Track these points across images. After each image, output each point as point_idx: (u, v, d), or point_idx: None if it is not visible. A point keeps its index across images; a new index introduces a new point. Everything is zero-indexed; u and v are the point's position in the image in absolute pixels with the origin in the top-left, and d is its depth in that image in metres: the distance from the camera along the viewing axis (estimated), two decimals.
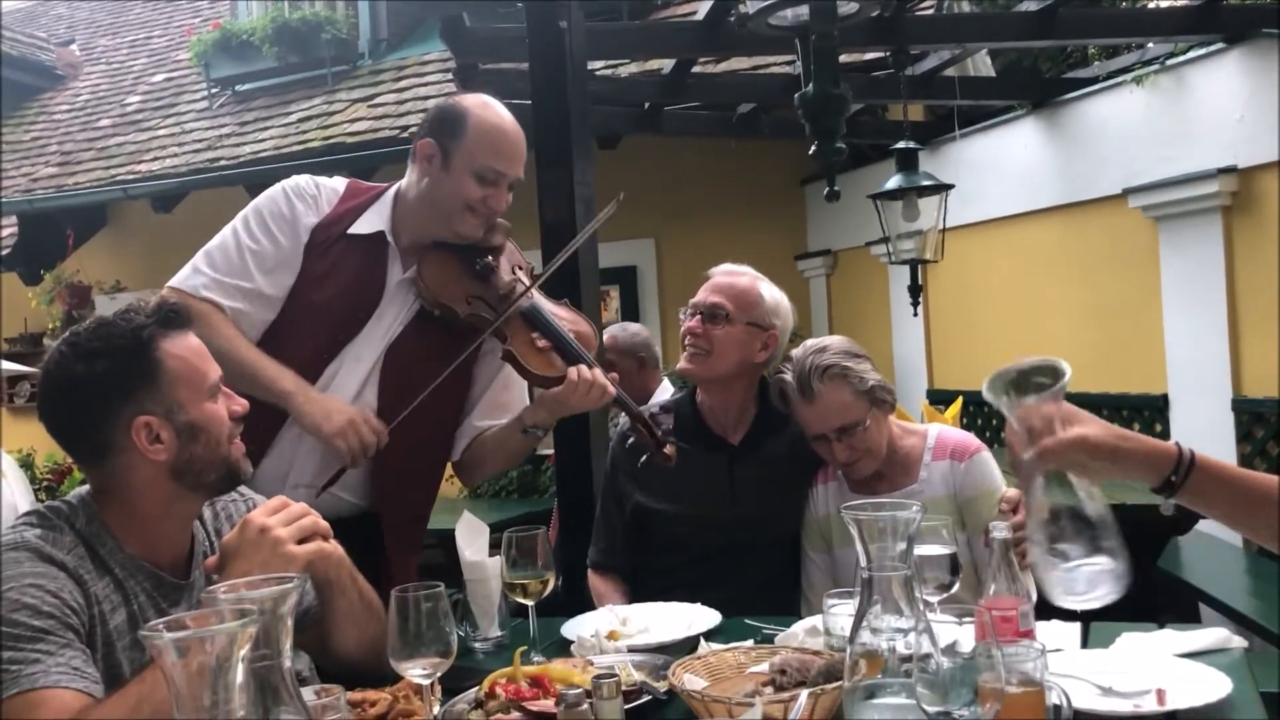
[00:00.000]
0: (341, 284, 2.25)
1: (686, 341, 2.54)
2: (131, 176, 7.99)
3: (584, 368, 2.19)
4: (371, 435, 2.14)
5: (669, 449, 2.34)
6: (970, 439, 2.47)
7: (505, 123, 2.26)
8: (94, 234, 8.89)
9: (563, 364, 2.22)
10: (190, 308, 2.07)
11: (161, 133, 8.59)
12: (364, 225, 2.29)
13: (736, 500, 2.51)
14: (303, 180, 2.33)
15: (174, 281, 2.22)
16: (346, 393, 2.22)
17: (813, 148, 1.96)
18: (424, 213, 2.28)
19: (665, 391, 4.11)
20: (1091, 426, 1.36)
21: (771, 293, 2.59)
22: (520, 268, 2.36)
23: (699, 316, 2.52)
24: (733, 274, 2.60)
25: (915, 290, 4.66)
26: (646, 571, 2.58)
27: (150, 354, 1.61)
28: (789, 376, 2.38)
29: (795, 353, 2.43)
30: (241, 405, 1.73)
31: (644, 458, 2.48)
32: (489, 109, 2.26)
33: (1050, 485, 1.43)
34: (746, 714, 1.00)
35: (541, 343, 2.25)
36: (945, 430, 2.51)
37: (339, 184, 2.37)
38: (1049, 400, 1.37)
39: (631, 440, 2.56)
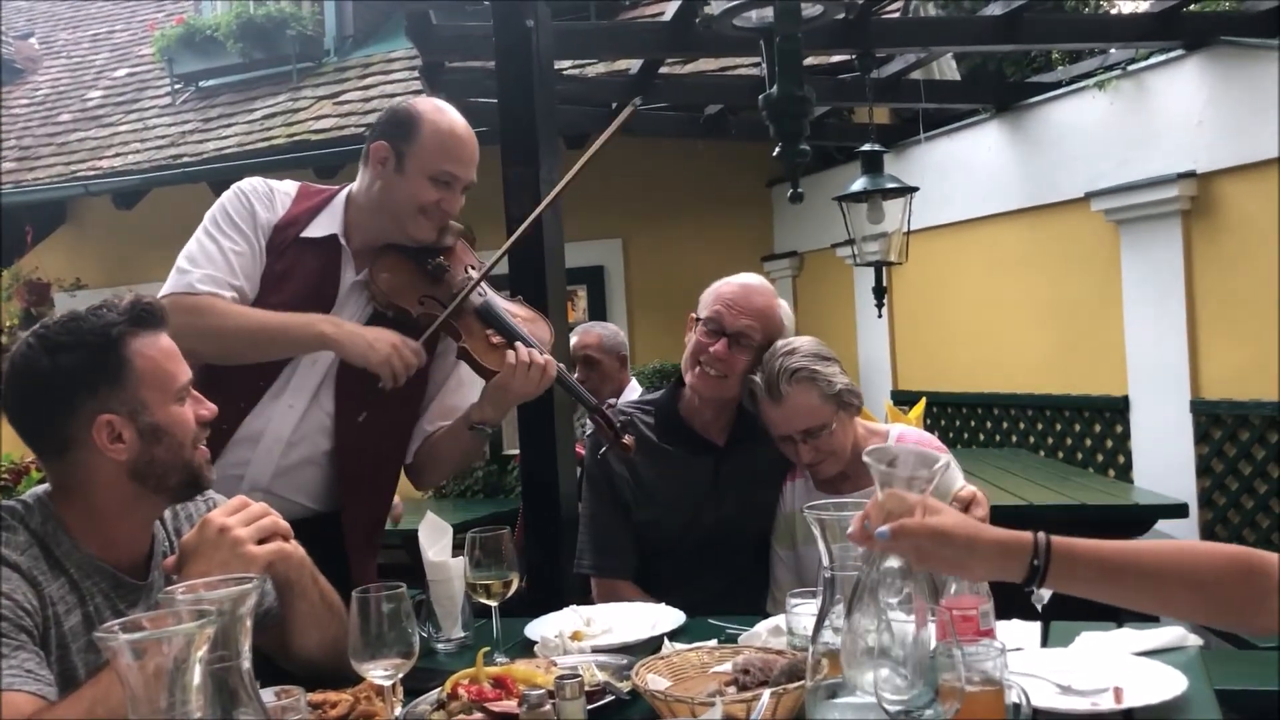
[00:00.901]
0: (296, 287, 2.24)
1: (702, 359, 2.46)
2: (92, 173, 7.89)
3: (523, 347, 2.19)
4: (414, 356, 2.16)
5: (627, 439, 2.32)
6: (930, 441, 2.49)
7: (459, 126, 2.27)
8: (53, 230, 8.77)
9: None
10: (191, 303, 2.08)
11: (123, 129, 8.49)
12: (317, 229, 2.29)
13: (721, 501, 2.51)
14: (255, 181, 2.33)
15: (166, 290, 2.17)
16: (302, 397, 2.22)
17: (777, 149, 1.96)
18: (377, 215, 2.28)
19: (634, 390, 4.11)
20: (950, 517, 1.37)
21: (785, 310, 2.56)
22: (473, 267, 2.35)
23: (725, 340, 2.44)
24: (756, 292, 2.52)
25: (880, 292, 4.69)
26: None
27: (118, 352, 1.59)
28: (758, 378, 2.38)
29: (763, 354, 2.42)
30: (209, 410, 1.70)
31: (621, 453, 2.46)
32: (443, 113, 2.27)
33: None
34: (708, 714, 1.00)
35: (496, 339, 2.24)
36: (907, 431, 2.53)
37: (290, 187, 2.37)
38: (917, 493, 1.36)
39: (628, 416, 2.55)
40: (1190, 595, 1.38)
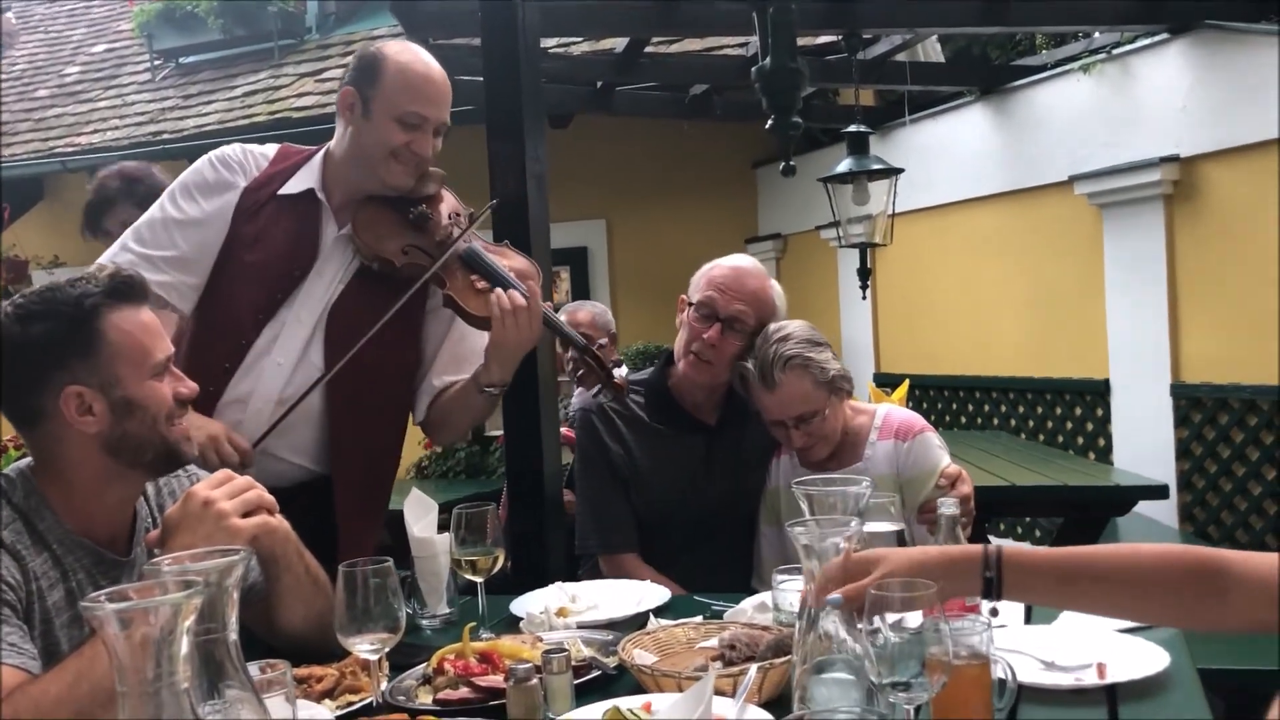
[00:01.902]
0: (274, 244, 2.22)
1: (694, 348, 2.44)
2: (70, 149, 7.81)
3: (503, 293, 2.15)
4: (233, 454, 2.04)
5: (619, 378, 2.30)
6: (915, 419, 2.49)
7: (425, 65, 2.23)
8: (31, 207, 8.67)
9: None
10: None
11: (102, 105, 8.39)
12: (294, 185, 2.27)
13: (713, 480, 2.51)
14: (230, 148, 2.32)
15: (100, 260, 2.14)
16: (290, 354, 2.19)
17: (769, 122, 1.96)
18: (352, 165, 2.26)
19: (620, 370, 4.12)
20: (891, 561, 1.37)
21: (777, 291, 2.53)
22: (457, 214, 2.31)
23: (718, 326, 2.42)
24: (749, 275, 2.48)
25: (864, 274, 4.69)
26: None
27: (91, 324, 1.58)
28: (750, 364, 2.36)
29: (755, 339, 2.41)
30: (189, 389, 1.68)
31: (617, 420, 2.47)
32: (407, 52, 2.24)
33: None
34: (700, 682, 1.00)
35: (481, 284, 2.21)
36: (893, 410, 2.53)
37: (270, 149, 2.35)
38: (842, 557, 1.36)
39: (604, 407, 2.53)
40: (1146, 598, 1.40)
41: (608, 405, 2.55)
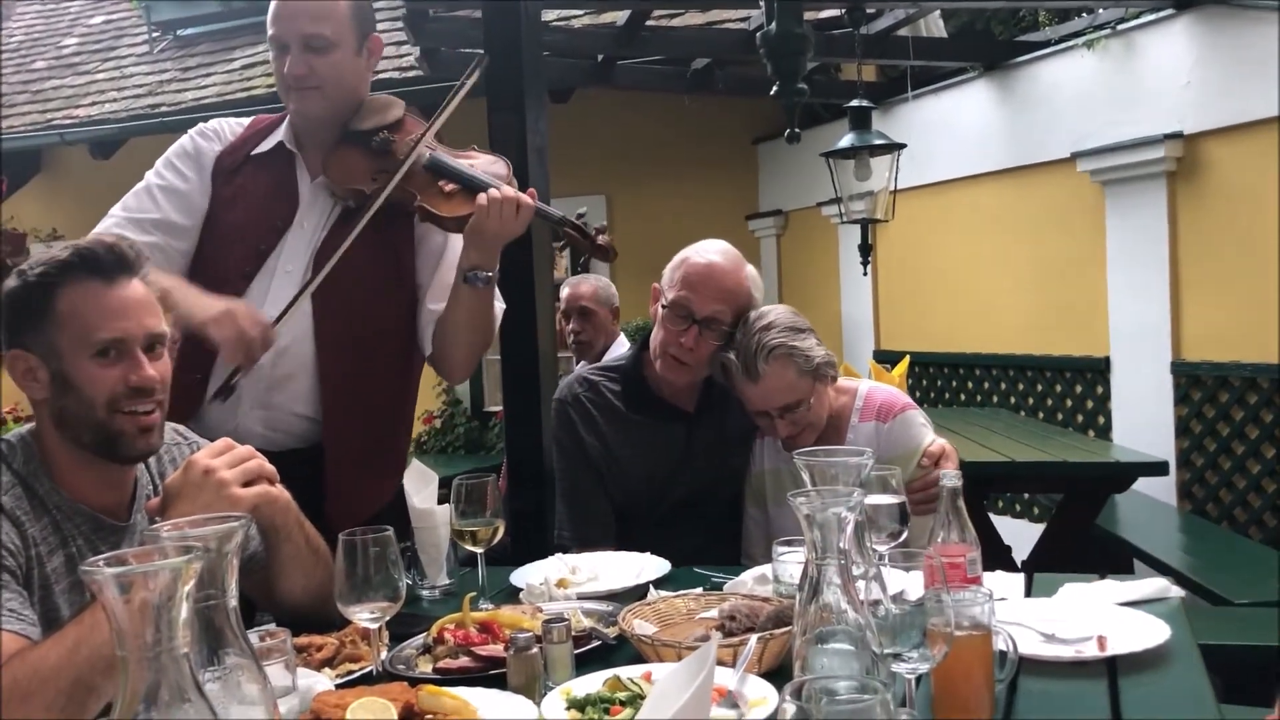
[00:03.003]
0: (253, 201, 2.24)
1: (671, 350, 2.36)
2: (68, 121, 7.77)
3: (492, 190, 2.14)
4: (253, 327, 2.02)
5: (602, 240, 2.23)
6: (896, 398, 2.42)
7: None
8: (29, 180, 8.64)
9: (475, 201, 2.17)
10: None
11: (100, 77, 8.35)
12: (267, 144, 2.31)
13: (694, 468, 2.46)
14: (210, 122, 2.37)
15: (94, 230, 2.17)
16: (281, 306, 2.16)
17: (774, 88, 1.94)
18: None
19: (623, 344, 4.12)
20: None
21: (754, 279, 2.43)
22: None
23: (694, 329, 2.32)
24: (723, 272, 2.36)
25: (865, 249, 4.68)
26: None
27: (45, 292, 1.57)
28: (732, 355, 2.30)
29: (735, 330, 2.34)
30: (142, 377, 1.59)
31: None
32: None
33: None
34: (704, 647, 1.00)
35: (449, 188, 2.20)
36: (874, 389, 2.47)
37: (246, 120, 2.40)
38: None
39: (579, 397, 2.49)
40: None
41: (583, 395, 2.49)
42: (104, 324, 1.57)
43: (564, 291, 4.18)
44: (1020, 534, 4.59)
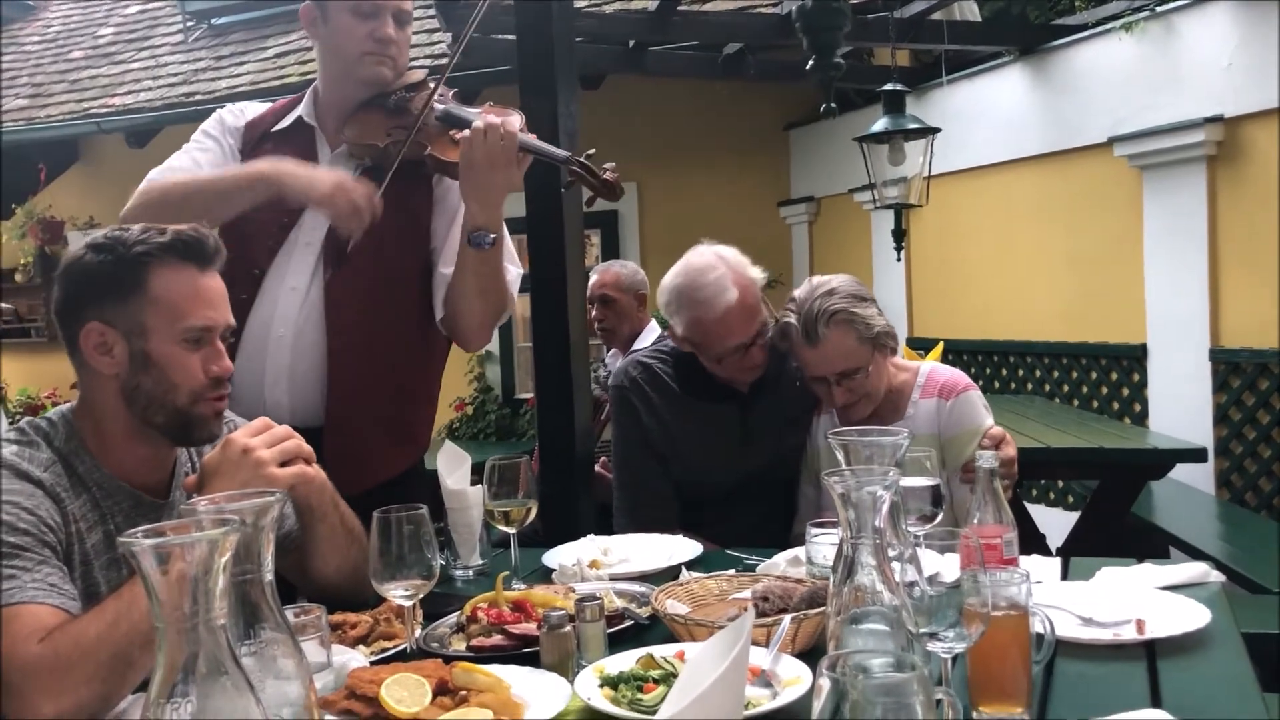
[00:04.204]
0: None
1: (742, 376, 2.44)
2: (105, 110, 7.85)
3: (476, 121, 2.12)
4: (362, 196, 2.08)
5: (609, 176, 2.18)
6: (959, 377, 2.43)
7: None
8: (66, 168, 8.74)
9: None
10: (141, 189, 2.14)
11: (135, 66, 8.42)
12: (286, 120, 2.34)
13: (751, 447, 2.47)
14: (233, 105, 2.42)
15: (136, 192, 2.21)
16: (303, 278, 2.20)
17: (810, 63, 1.92)
18: (333, 79, 2.31)
19: (653, 331, 4.10)
20: None
21: (749, 280, 2.41)
22: (442, 95, 2.32)
23: (749, 349, 2.39)
24: (735, 308, 2.36)
25: (899, 235, 4.64)
26: None
27: (136, 269, 1.58)
28: (793, 320, 2.31)
29: (799, 294, 2.35)
30: (223, 367, 1.64)
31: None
32: None
33: None
34: (741, 618, 0.99)
35: (458, 135, 2.19)
36: (936, 368, 2.48)
37: (268, 104, 2.44)
38: None
39: (637, 380, 2.49)
40: None
41: (641, 379, 2.50)
42: (196, 311, 1.61)
43: (592, 278, 4.17)
44: (1055, 522, 4.56)
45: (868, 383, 2.31)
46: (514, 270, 2.31)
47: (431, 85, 2.30)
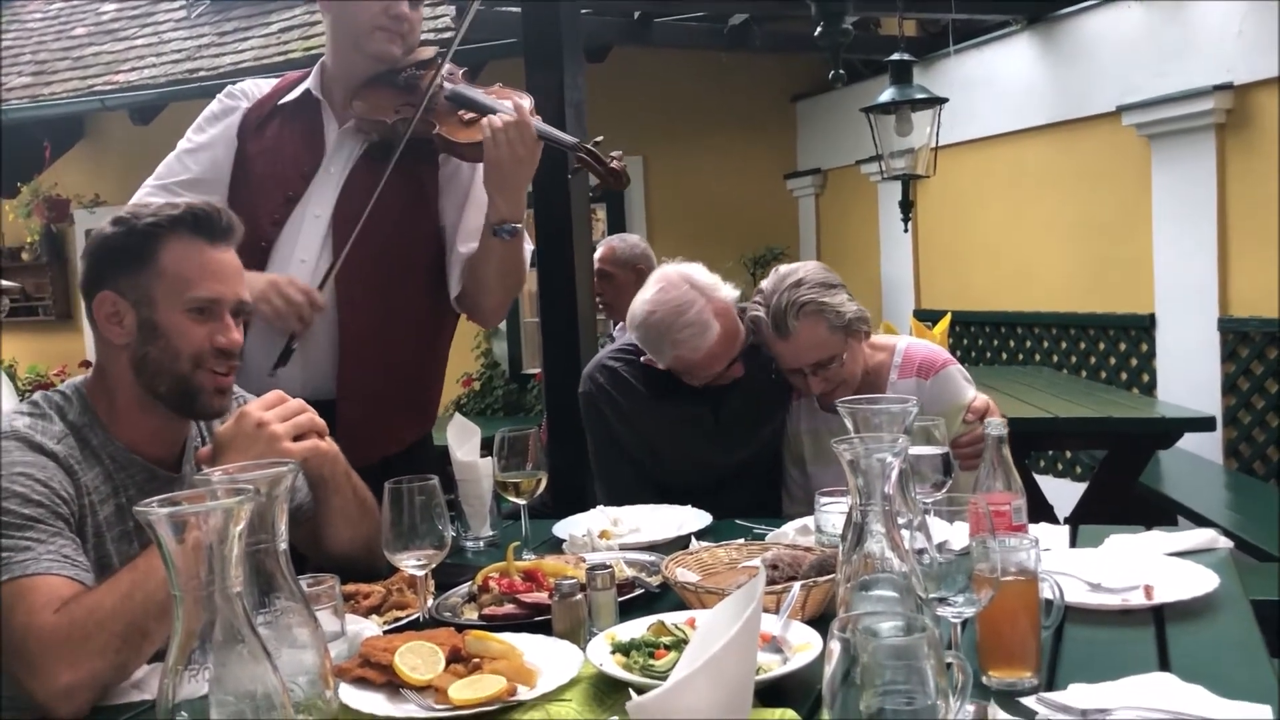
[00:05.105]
0: (281, 151, 2.26)
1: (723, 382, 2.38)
2: (109, 87, 7.83)
3: (493, 116, 2.12)
4: (298, 294, 2.07)
5: (616, 164, 2.18)
6: (937, 353, 2.39)
7: None
8: (71, 146, 8.73)
9: None
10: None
11: (139, 43, 8.39)
12: (294, 94, 2.32)
13: (727, 441, 2.45)
14: (238, 84, 2.40)
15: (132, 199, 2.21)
16: (311, 251, 2.19)
17: (818, 29, 1.91)
18: (342, 54, 2.29)
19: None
20: None
21: (731, 303, 2.35)
22: (452, 74, 2.32)
23: (735, 363, 2.36)
24: (716, 336, 2.30)
25: (906, 206, 4.63)
26: None
27: (147, 241, 1.60)
28: (763, 313, 2.28)
29: (766, 285, 2.31)
30: (229, 339, 1.64)
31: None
32: None
33: None
34: (753, 579, 1.00)
35: (468, 116, 2.20)
36: (912, 345, 2.44)
37: (274, 80, 2.42)
38: None
39: (604, 388, 2.45)
40: None
41: (607, 385, 2.45)
42: (203, 283, 1.62)
43: (599, 251, 4.16)
44: (1064, 493, 4.56)
45: (843, 370, 2.27)
46: (529, 248, 2.32)
47: (440, 63, 2.30)
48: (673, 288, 2.33)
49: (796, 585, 1.47)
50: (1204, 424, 3.64)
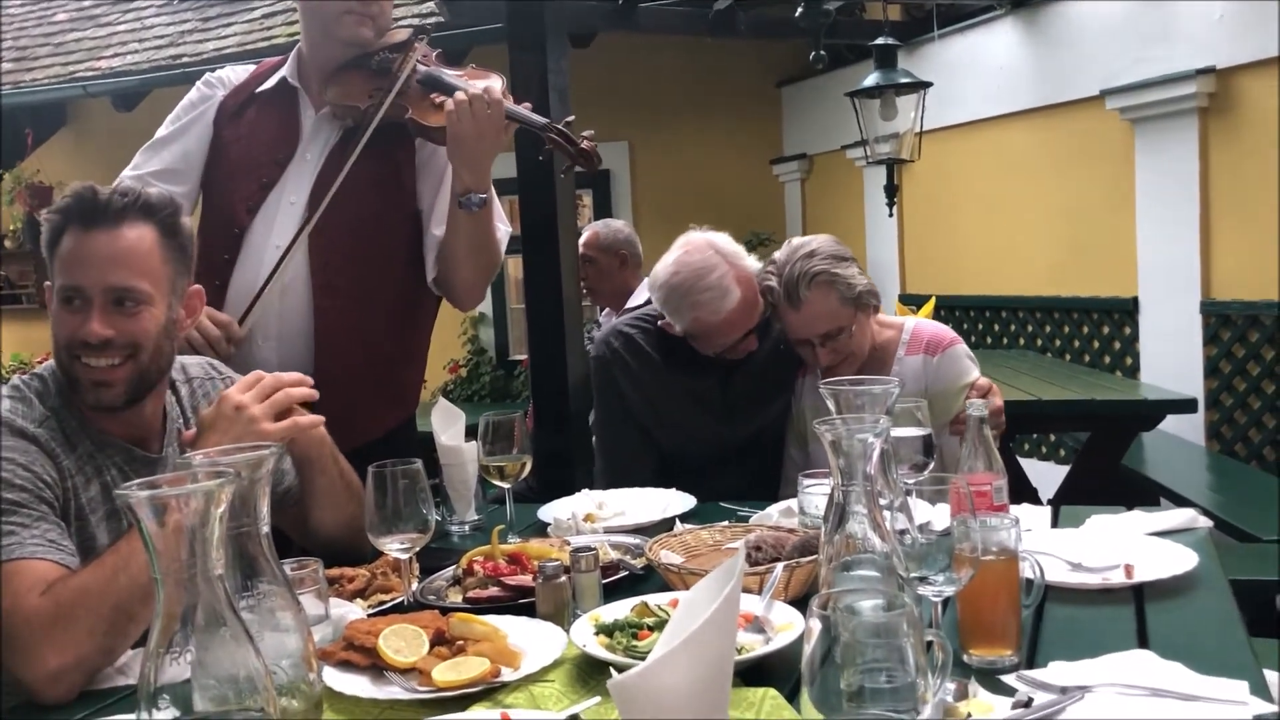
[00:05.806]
0: (257, 138, 2.27)
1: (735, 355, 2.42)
2: (91, 74, 7.77)
3: (460, 91, 2.12)
4: (214, 328, 2.07)
5: (586, 145, 2.19)
6: (944, 332, 2.44)
7: None
8: (54, 133, 8.67)
9: None
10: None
11: (121, 28, 8.32)
12: (270, 82, 2.33)
13: (735, 415, 2.47)
14: (217, 71, 2.41)
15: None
16: (286, 237, 2.18)
17: (799, 9, 1.91)
18: (314, 39, 2.30)
19: (644, 293, 4.08)
20: None
21: (753, 272, 2.38)
22: (426, 56, 2.32)
23: (752, 336, 2.39)
24: (736, 301, 2.33)
25: (891, 191, 4.63)
26: None
27: (53, 231, 1.61)
28: (774, 283, 2.31)
29: (779, 256, 2.35)
30: (86, 331, 1.55)
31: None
32: None
33: None
34: (732, 558, 1.01)
35: (440, 99, 2.20)
36: (921, 324, 2.48)
37: (253, 66, 2.43)
38: None
39: (619, 353, 2.47)
40: None
41: (622, 350, 2.47)
42: (67, 270, 1.59)
43: (584, 234, 4.15)
44: (1047, 476, 4.59)
45: (851, 343, 2.30)
46: (503, 229, 2.31)
47: (414, 46, 2.30)
48: (697, 251, 2.37)
49: (779, 566, 1.48)
50: (1186, 406, 3.67)
